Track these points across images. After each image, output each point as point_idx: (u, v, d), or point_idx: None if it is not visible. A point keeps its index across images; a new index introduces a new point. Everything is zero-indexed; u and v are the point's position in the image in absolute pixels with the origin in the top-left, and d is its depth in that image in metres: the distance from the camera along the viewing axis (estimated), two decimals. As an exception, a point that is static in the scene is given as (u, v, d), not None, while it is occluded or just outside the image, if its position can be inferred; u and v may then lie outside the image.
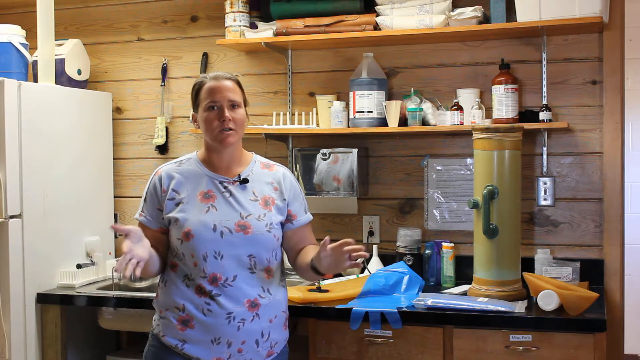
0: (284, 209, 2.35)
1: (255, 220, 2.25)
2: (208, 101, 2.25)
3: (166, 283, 2.29)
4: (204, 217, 2.22)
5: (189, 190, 2.27)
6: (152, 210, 2.30)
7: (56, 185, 3.21)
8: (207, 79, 2.28)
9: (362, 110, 3.15)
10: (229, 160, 2.31)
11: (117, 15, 3.72)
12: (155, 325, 2.31)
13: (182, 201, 2.25)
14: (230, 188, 2.28)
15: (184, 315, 2.21)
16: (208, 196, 2.26)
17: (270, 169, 2.39)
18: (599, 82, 3.06)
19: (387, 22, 3.10)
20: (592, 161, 3.08)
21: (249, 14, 3.34)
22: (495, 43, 3.18)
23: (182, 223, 2.22)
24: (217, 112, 2.24)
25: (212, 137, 2.25)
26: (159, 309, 2.29)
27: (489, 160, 2.76)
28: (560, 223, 3.13)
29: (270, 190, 2.33)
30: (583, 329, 2.50)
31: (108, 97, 3.65)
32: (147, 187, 2.33)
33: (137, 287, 3.11)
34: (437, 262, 3.12)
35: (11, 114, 2.97)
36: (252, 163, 2.37)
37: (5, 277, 2.96)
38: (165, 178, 2.30)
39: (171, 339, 2.23)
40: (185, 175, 2.30)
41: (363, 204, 3.37)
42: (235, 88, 2.28)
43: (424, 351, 2.64)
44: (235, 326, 2.20)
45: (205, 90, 2.26)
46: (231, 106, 2.25)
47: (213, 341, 2.20)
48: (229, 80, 2.28)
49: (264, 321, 2.25)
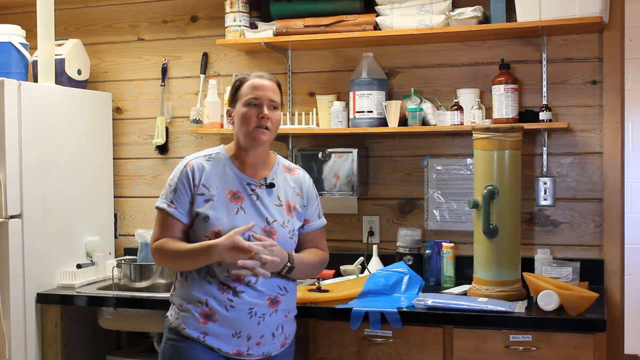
0: (303, 214, 2.39)
1: (280, 226, 2.28)
2: (250, 97, 2.26)
3: (187, 278, 2.29)
4: (234, 218, 2.23)
5: (218, 188, 2.27)
6: (184, 203, 2.27)
7: (56, 185, 3.21)
8: (251, 76, 2.30)
9: (362, 110, 3.15)
10: (257, 160, 2.32)
11: (117, 15, 3.72)
12: (173, 319, 2.30)
13: (212, 198, 2.25)
14: (257, 191, 2.30)
15: (207, 310, 2.23)
16: (237, 197, 2.27)
17: (292, 173, 2.41)
18: (599, 82, 3.06)
19: (387, 22, 3.10)
20: (592, 161, 3.08)
21: (249, 14, 3.34)
22: (495, 43, 3.18)
23: (213, 222, 2.22)
24: (257, 109, 2.25)
25: (247, 132, 2.26)
26: (180, 302, 2.29)
27: (489, 160, 2.76)
28: (560, 223, 3.13)
29: (293, 196, 2.36)
30: (583, 329, 2.50)
31: (108, 97, 3.65)
32: (177, 178, 2.28)
33: (137, 287, 3.10)
34: (437, 262, 3.12)
35: (11, 114, 2.97)
36: (276, 165, 2.38)
37: (5, 277, 2.96)
38: (197, 171, 2.28)
39: (192, 330, 2.24)
40: (215, 171, 2.29)
41: (363, 204, 3.37)
42: (276, 90, 2.31)
43: (424, 351, 2.64)
44: (256, 321, 2.24)
45: (248, 86, 2.28)
46: (271, 107, 2.27)
47: (234, 335, 2.24)
48: (271, 81, 2.31)
49: (281, 316, 2.31)
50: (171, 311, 2.34)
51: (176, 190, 2.27)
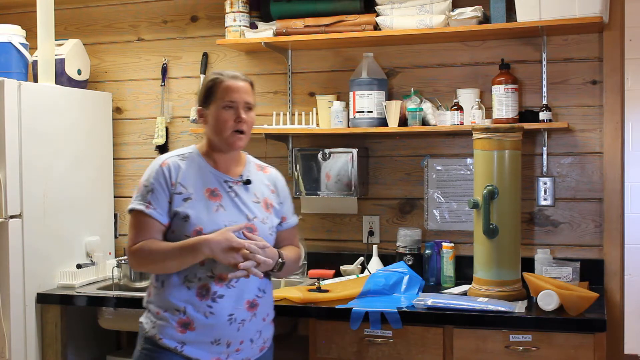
0: (280, 211, 2.36)
1: (260, 223, 2.26)
2: (226, 100, 2.22)
3: (163, 283, 2.21)
4: (215, 216, 2.19)
5: (195, 186, 2.22)
6: (163, 203, 2.20)
7: (56, 185, 3.21)
8: (225, 77, 2.25)
9: (362, 110, 3.15)
10: (231, 159, 2.30)
11: (117, 15, 3.72)
12: (149, 327, 2.22)
13: (191, 197, 2.20)
14: (234, 188, 2.26)
15: (184, 318, 2.17)
16: (215, 194, 2.23)
17: (265, 171, 2.39)
18: (599, 82, 3.06)
19: (387, 22, 3.10)
20: (592, 161, 3.08)
21: (249, 14, 3.34)
22: (495, 43, 3.18)
23: (194, 221, 2.17)
24: (233, 112, 2.22)
25: (224, 137, 2.23)
26: (156, 309, 2.22)
27: (489, 160, 2.76)
28: (560, 223, 3.13)
29: (269, 193, 2.34)
30: (583, 329, 2.50)
31: (108, 97, 3.65)
32: (153, 177, 2.22)
33: (137, 287, 3.10)
34: (437, 262, 3.12)
35: (11, 114, 2.97)
36: (248, 164, 2.36)
37: (5, 277, 2.96)
38: (173, 170, 2.22)
39: (169, 340, 2.18)
40: (190, 169, 2.24)
41: (363, 204, 3.37)
42: (250, 90, 2.28)
43: (424, 351, 2.64)
44: (235, 327, 2.20)
45: (224, 88, 2.23)
46: (247, 108, 2.24)
47: (213, 342, 2.19)
48: (246, 81, 2.27)
49: (259, 320, 2.27)
50: (146, 318, 2.25)
51: (153, 190, 2.20)
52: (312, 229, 3.42)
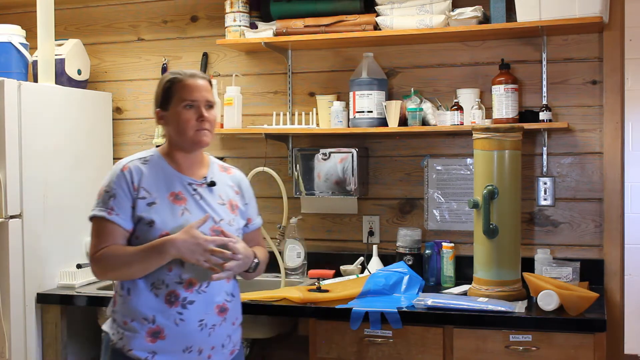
0: (245, 213, 2.32)
1: (227, 225, 2.21)
2: (185, 99, 2.16)
3: (130, 291, 2.14)
4: (181, 220, 2.13)
5: (159, 191, 2.16)
6: (126, 208, 2.13)
7: (56, 185, 3.21)
8: (183, 76, 2.19)
9: (362, 110, 3.15)
10: (194, 161, 2.25)
11: (117, 15, 3.72)
12: (116, 338, 2.15)
13: (155, 201, 2.13)
14: (199, 191, 2.21)
15: (154, 327, 2.11)
16: (179, 198, 2.17)
17: (228, 172, 2.35)
18: (599, 82, 3.06)
19: (387, 22, 3.10)
20: (592, 161, 3.08)
21: (249, 14, 3.34)
22: (495, 43, 3.18)
23: (160, 226, 2.11)
24: (195, 111, 2.17)
25: (188, 137, 2.17)
26: (122, 319, 2.14)
27: (489, 160, 2.76)
28: (560, 223, 3.13)
29: (233, 194, 2.30)
30: (583, 329, 2.50)
31: (108, 97, 3.65)
32: (115, 182, 2.15)
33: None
34: (437, 262, 3.12)
35: (11, 114, 2.97)
36: (212, 165, 2.31)
37: (5, 277, 2.96)
38: (135, 174, 2.16)
39: (140, 351, 2.11)
40: (152, 173, 2.18)
41: (363, 204, 3.37)
42: (210, 88, 2.23)
43: (424, 351, 2.64)
44: (206, 333, 2.15)
45: (183, 87, 2.17)
46: (208, 106, 2.20)
47: (185, 350, 2.13)
48: (204, 79, 2.22)
49: (229, 325, 2.23)
50: (112, 329, 2.18)
51: (115, 195, 2.13)
52: (312, 229, 3.42)
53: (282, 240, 3.31)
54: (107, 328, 2.21)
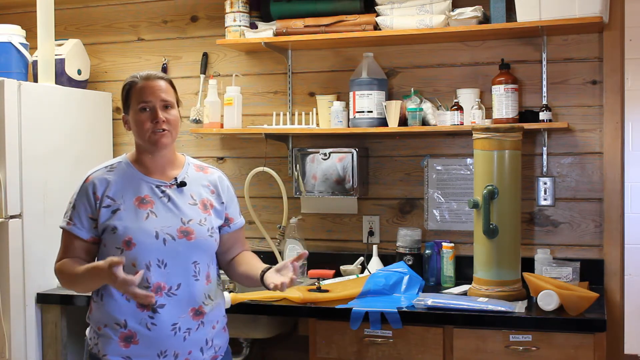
0: (222, 212, 2.29)
1: (197, 225, 2.19)
2: (140, 102, 2.16)
3: (103, 297, 2.15)
4: (145, 224, 2.12)
5: (124, 197, 2.16)
6: (84, 219, 2.16)
7: (56, 185, 3.20)
8: (138, 79, 2.18)
9: (362, 110, 3.15)
10: (163, 163, 2.23)
11: (117, 15, 3.72)
12: (92, 344, 2.18)
13: (120, 208, 2.14)
14: (168, 192, 2.19)
15: (126, 332, 2.11)
16: (145, 201, 2.16)
17: (205, 172, 2.32)
18: (599, 82, 3.06)
19: (387, 22, 3.10)
20: (592, 161, 3.09)
21: (249, 14, 3.34)
22: (495, 43, 3.18)
23: (122, 231, 2.11)
24: (150, 114, 2.16)
25: (145, 139, 2.17)
26: (97, 325, 2.16)
27: (489, 160, 2.76)
28: (560, 223, 3.13)
29: (208, 193, 2.27)
30: (583, 329, 2.50)
31: (108, 97, 3.65)
32: (76, 194, 2.20)
33: (137, 287, 3.10)
34: (437, 262, 3.12)
35: (11, 114, 2.97)
36: (186, 165, 2.29)
37: (5, 277, 2.96)
38: (98, 184, 2.17)
39: (114, 357, 2.12)
40: (119, 180, 2.18)
41: (363, 204, 3.37)
42: (168, 88, 2.20)
43: (424, 351, 2.64)
44: (181, 337, 2.13)
45: (137, 90, 2.17)
46: (164, 107, 2.17)
47: (160, 354, 2.12)
48: (161, 80, 2.20)
49: (208, 328, 2.20)
50: (90, 333, 2.21)
51: (75, 207, 2.18)
52: (312, 229, 3.42)
53: (282, 240, 3.31)
54: (87, 333, 2.24)
